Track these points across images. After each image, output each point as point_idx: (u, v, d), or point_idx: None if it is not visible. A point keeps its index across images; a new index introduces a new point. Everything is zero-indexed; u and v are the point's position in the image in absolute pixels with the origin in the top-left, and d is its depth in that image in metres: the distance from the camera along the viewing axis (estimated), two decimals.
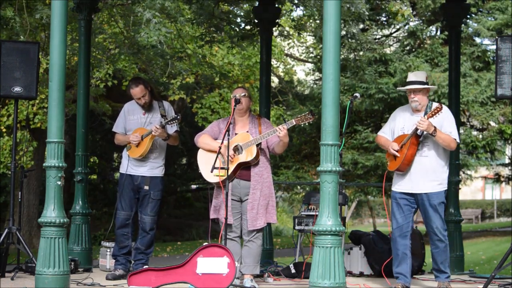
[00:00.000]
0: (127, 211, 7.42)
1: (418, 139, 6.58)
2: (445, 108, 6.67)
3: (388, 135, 6.83)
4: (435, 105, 6.65)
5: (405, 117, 6.74)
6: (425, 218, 6.65)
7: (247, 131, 6.74)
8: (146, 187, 7.37)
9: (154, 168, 7.44)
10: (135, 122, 7.45)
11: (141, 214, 7.40)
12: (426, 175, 6.57)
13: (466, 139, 18.24)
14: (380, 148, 18.01)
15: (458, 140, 6.63)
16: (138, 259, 7.39)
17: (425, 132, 6.52)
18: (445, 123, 6.58)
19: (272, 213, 6.75)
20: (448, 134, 6.55)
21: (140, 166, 7.40)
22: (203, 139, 6.83)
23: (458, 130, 8.91)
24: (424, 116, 6.54)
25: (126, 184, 7.38)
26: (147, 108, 7.43)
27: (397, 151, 6.61)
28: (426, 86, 6.66)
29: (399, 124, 6.74)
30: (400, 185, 6.69)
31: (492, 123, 18.63)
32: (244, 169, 6.68)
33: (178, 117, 7.15)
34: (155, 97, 7.53)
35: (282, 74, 22.48)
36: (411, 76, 6.73)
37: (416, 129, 6.50)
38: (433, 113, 6.47)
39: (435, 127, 6.46)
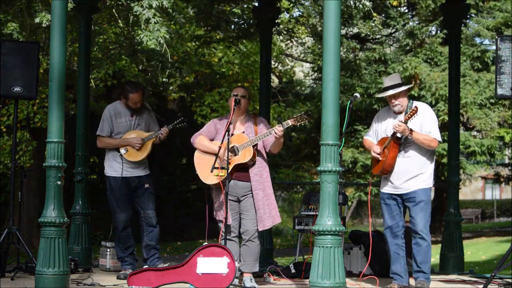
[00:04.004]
0: (127, 213, 7.49)
1: (399, 141, 6.56)
2: (425, 107, 6.66)
3: (372, 138, 6.85)
4: (414, 104, 6.63)
5: (387, 119, 6.72)
6: (410, 216, 6.63)
7: (243, 132, 6.74)
8: (147, 185, 7.47)
9: (145, 167, 7.55)
10: (124, 125, 7.48)
11: (145, 210, 7.47)
12: (410, 174, 6.56)
13: (465, 141, 18.21)
14: None
15: (438, 139, 6.56)
16: (152, 255, 7.46)
17: (404, 135, 6.51)
18: (425, 122, 6.55)
19: (276, 213, 6.77)
20: (427, 133, 6.52)
21: (135, 167, 7.47)
22: (200, 141, 6.82)
23: (458, 130, 8.93)
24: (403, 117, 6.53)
25: (123, 187, 7.40)
26: (137, 111, 7.48)
27: (379, 154, 6.62)
28: (403, 88, 6.60)
29: (382, 126, 6.74)
30: (387, 187, 6.70)
31: (493, 124, 18.57)
32: (241, 170, 6.67)
33: (186, 121, 7.29)
34: None
35: (281, 74, 22.49)
36: (387, 81, 6.68)
37: (394, 132, 6.50)
38: (409, 116, 6.43)
39: (410, 130, 6.43)
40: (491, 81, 17.92)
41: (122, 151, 7.40)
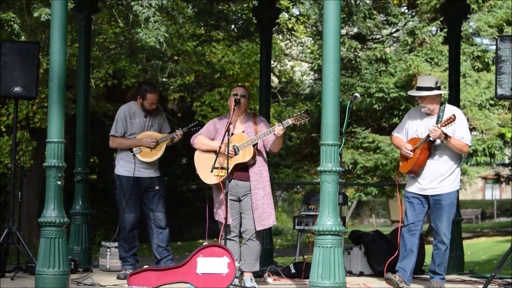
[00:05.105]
0: (135, 213, 7.49)
1: (431, 144, 6.64)
2: (458, 112, 6.70)
3: (402, 136, 6.89)
4: (448, 109, 6.69)
5: (419, 120, 6.78)
6: (433, 218, 6.71)
7: (243, 131, 6.74)
8: (157, 187, 7.50)
9: (157, 168, 7.57)
10: (138, 125, 7.48)
11: (154, 212, 7.48)
12: (438, 177, 6.65)
13: None
14: (380, 149, 18.13)
15: (470, 144, 6.67)
16: (164, 256, 7.47)
17: (437, 140, 6.57)
18: (457, 128, 6.61)
19: (273, 214, 6.76)
20: (460, 139, 6.60)
21: (147, 168, 7.48)
22: (200, 140, 6.82)
23: None
24: (437, 122, 6.58)
25: (133, 186, 7.41)
26: (151, 111, 7.50)
27: (411, 151, 6.67)
28: (432, 93, 6.62)
29: (413, 126, 6.79)
30: (413, 187, 6.77)
31: (493, 124, 18.55)
32: (241, 169, 6.67)
33: (200, 125, 7.34)
34: None
35: (279, 74, 22.49)
36: (420, 81, 6.73)
37: (429, 135, 6.55)
38: (446, 122, 6.48)
39: (446, 135, 6.51)
40: (491, 82, 17.91)
41: (136, 150, 7.41)
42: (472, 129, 19.17)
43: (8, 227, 7.24)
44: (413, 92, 6.76)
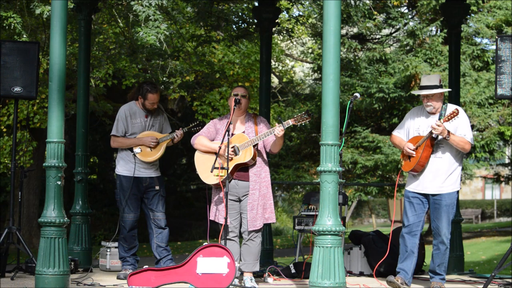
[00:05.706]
0: (135, 213, 7.50)
1: (433, 141, 6.64)
2: (461, 111, 6.71)
3: (402, 135, 6.91)
4: (450, 107, 6.70)
5: (421, 118, 6.80)
6: (434, 218, 6.72)
7: (243, 132, 6.74)
8: (157, 187, 7.49)
9: (157, 168, 7.57)
10: (139, 125, 7.48)
11: (154, 212, 7.49)
12: (439, 176, 6.66)
13: None
14: (379, 148, 18.13)
15: (472, 142, 6.68)
16: (164, 256, 7.48)
17: (440, 136, 6.57)
18: (460, 125, 6.63)
19: (271, 213, 6.75)
20: (463, 136, 6.61)
21: (148, 168, 7.48)
22: (200, 141, 6.82)
23: None
24: (439, 119, 6.59)
25: (134, 186, 7.41)
26: (152, 111, 7.49)
27: (413, 150, 6.68)
28: (438, 90, 6.65)
29: (415, 124, 6.81)
30: (414, 185, 6.77)
31: (492, 122, 18.56)
32: (242, 170, 6.68)
33: (201, 125, 7.32)
34: None
35: (281, 74, 22.48)
36: (424, 80, 6.75)
37: (431, 132, 6.56)
38: (449, 117, 6.50)
39: (448, 131, 6.52)
40: (490, 81, 17.91)
41: (136, 150, 7.41)
42: (471, 126, 19.14)
43: (8, 227, 7.25)
44: (421, 91, 6.71)
